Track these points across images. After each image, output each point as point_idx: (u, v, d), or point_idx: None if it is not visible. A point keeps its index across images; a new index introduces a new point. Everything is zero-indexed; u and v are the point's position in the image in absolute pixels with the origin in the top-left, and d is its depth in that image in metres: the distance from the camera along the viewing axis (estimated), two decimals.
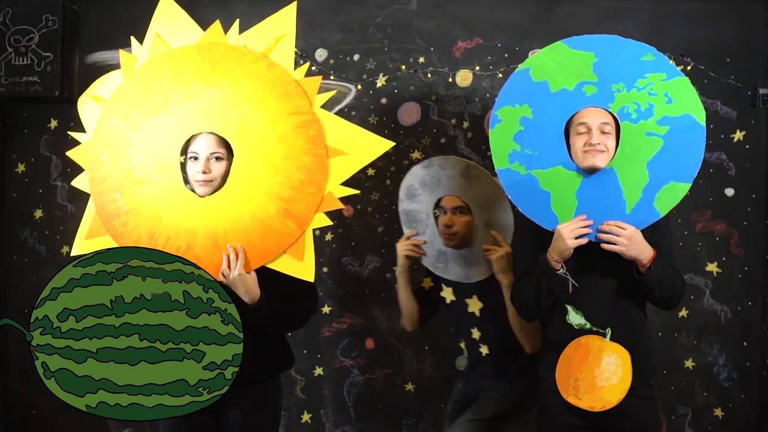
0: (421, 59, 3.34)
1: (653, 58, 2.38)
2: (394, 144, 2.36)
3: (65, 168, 3.44)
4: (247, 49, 2.33)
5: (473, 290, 2.74)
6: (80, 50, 3.42)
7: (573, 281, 2.34)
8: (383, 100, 3.35)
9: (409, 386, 3.39)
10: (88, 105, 2.42)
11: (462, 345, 2.98)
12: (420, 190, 2.78)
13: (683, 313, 3.24)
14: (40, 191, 3.47)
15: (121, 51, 2.38)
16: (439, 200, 2.75)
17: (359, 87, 3.36)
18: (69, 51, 3.34)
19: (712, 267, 3.25)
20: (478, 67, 3.33)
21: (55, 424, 3.46)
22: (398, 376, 3.40)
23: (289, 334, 2.64)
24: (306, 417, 3.39)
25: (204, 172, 2.28)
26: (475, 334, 2.74)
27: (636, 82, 2.36)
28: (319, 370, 3.39)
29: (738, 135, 3.21)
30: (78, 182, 2.42)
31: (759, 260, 3.25)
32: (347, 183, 2.28)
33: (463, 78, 3.34)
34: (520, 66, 2.48)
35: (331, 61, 3.37)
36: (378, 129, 3.33)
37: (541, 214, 2.41)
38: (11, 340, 3.45)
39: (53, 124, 3.46)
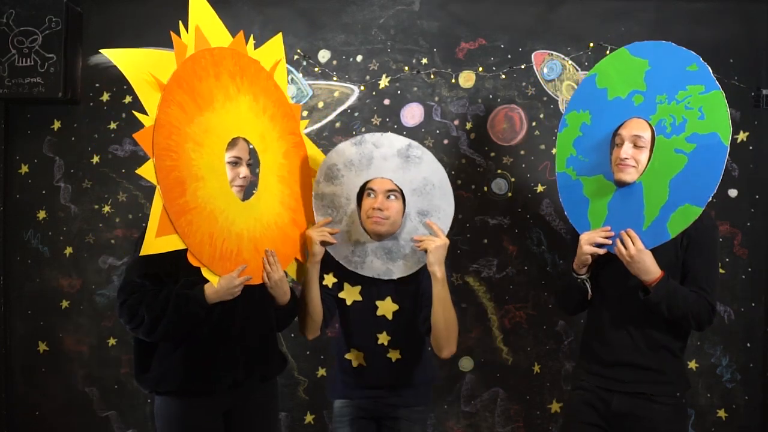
0: (424, 60, 3.34)
1: (697, 68, 2.31)
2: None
3: (68, 169, 3.45)
4: (261, 66, 2.39)
5: (387, 290, 2.53)
6: (83, 51, 3.43)
7: (588, 289, 2.41)
8: (386, 101, 3.35)
9: None
10: (140, 75, 2.07)
11: (352, 356, 2.58)
12: (344, 171, 2.50)
13: None
14: (44, 192, 3.48)
15: (173, 34, 2.15)
16: (365, 183, 2.51)
17: (362, 88, 3.36)
18: (72, 52, 3.35)
19: None
20: (481, 68, 3.32)
21: (59, 424, 3.47)
22: None
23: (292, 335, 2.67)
24: (309, 418, 3.39)
25: (246, 177, 2.34)
26: (383, 338, 2.52)
27: (677, 94, 2.32)
28: (321, 371, 3.39)
29: (741, 136, 3.20)
30: (144, 171, 2.03)
31: (762, 261, 3.25)
32: None
33: (466, 79, 3.33)
34: (590, 71, 2.50)
35: (334, 62, 3.37)
36: (381, 130, 3.33)
37: (579, 220, 2.47)
38: (14, 340, 3.44)
39: (56, 125, 3.46)
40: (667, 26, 3.23)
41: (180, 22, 2.22)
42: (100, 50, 2.15)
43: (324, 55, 3.37)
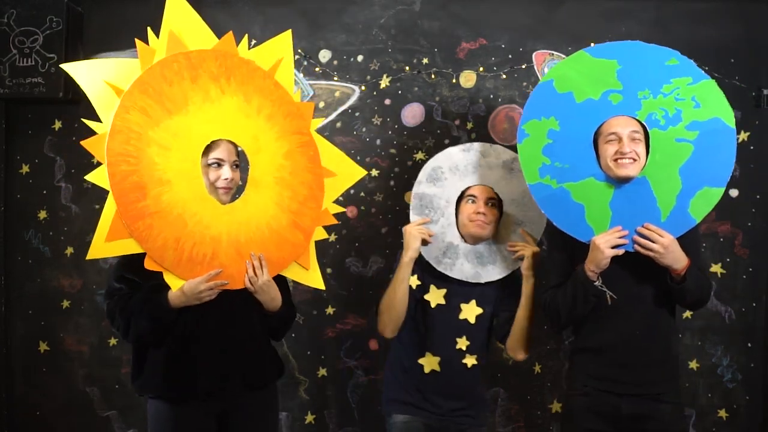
0: (425, 60, 3.34)
1: (677, 62, 2.37)
2: (366, 173, 2.66)
3: (69, 169, 3.45)
4: (256, 65, 2.38)
5: (472, 294, 2.60)
6: (84, 51, 3.42)
7: (610, 293, 2.35)
8: (387, 101, 3.35)
9: None
10: (96, 85, 2.16)
11: (425, 360, 2.60)
12: (448, 174, 2.63)
13: (687, 314, 3.23)
14: (44, 192, 3.48)
15: (138, 41, 2.21)
16: (465, 189, 2.63)
17: (363, 88, 3.36)
18: (73, 52, 3.34)
19: (716, 268, 3.24)
20: (481, 68, 3.33)
21: (59, 424, 3.47)
22: None
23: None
24: (310, 418, 3.39)
25: (232, 179, 2.29)
26: (462, 343, 2.58)
27: (662, 87, 2.35)
28: (322, 371, 3.39)
29: (742, 136, 3.20)
30: (95, 177, 2.14)
31: (763, 261, 3.25)
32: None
33: (467, 79, 3.34)
34: (543, 78, 2.49)
35: (335, 62, 3.37)
36: (381, 130, 3.33)
37: (576, 227, 2.41)
38: (15, 340, 3.44)
39: (57, 125, 3.46)
40: (667, 26, 3.23)
41: (149, 27, 2.25)
42: (61, 65, 2.25)
43: (325, 55, 3.37)
